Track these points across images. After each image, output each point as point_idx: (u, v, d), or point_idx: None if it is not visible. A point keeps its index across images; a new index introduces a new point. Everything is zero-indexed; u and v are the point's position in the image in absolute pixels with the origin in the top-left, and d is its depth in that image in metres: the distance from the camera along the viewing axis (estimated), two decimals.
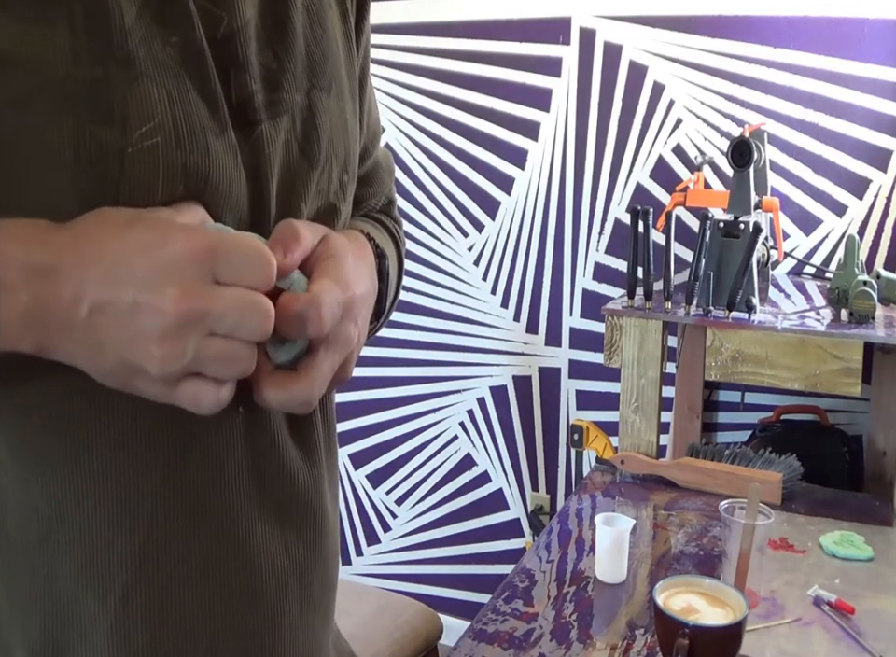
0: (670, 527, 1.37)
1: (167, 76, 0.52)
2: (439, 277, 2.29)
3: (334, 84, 0.65)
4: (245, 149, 0.57)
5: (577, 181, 2.10)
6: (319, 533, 0.69)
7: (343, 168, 0.66)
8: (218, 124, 0.54)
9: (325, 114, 0.63)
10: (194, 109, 0.53)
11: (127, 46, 0.50)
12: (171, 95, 0.51)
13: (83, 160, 0.49)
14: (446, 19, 2.15)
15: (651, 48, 1.96)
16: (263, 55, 0.59)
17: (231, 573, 0.62)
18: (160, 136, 0.51)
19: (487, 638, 1.07)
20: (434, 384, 2.35)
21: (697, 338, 1.60)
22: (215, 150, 0.54)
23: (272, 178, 0.59)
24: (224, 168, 0.54)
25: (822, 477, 1.56)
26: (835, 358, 1.42)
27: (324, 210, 0.64)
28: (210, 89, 0.54)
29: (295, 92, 0.61)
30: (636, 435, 1.60)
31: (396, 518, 2.49)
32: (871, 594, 1.16)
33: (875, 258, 1.85)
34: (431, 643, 1.75)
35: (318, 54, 0.63)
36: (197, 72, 0.53)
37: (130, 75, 0.50)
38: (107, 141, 0.49)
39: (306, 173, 0.62)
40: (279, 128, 0.59)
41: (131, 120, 0.50)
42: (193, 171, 0.52)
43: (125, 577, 0.57)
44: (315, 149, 0.62)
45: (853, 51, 1.79)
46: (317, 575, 0.69)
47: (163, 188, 0.51)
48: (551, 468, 2.27)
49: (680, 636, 0.88)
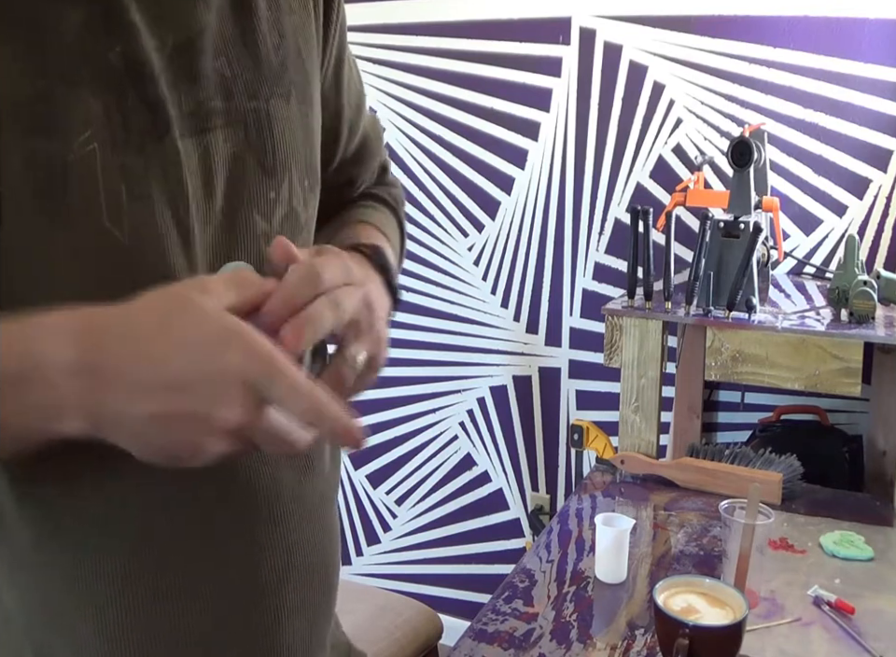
0: (670, 527, 1.37)
1: (108, 86, 0.54)
2: (439, 277, 2.29)
3: (294, 90, 0.66)
4: (194, 156, 0.58)
5: (577, 181, 2.10)
6: (322, 533, 0.70)
7: (303, 174, 0.66)
8: (159, 129, 0.56)
9: (283, 122, 0.64)
10: (133, 116, 0.55)
11: (66, 61, 0.52)
12: (108, 104, 0.53)
13: (34, 172, 0.51)
14: (446, 19, 2.14)
15: (651, 48, 1.96)
16: (218, 63, 0.60)
17: (233, 579, 0.62)
18: (96, 142, 0.53)
19: (487, 638, 1.07)
20: (434, 384, 2.35)
21: (697, 338, 1.60)
22: (154, 151, 0.55)
23: (217, 187, 0.59)
24: (164, 167, 0.56)
25: (822, 477, 1.56)
26: (835, 358, 1.42)
27: (286, 217, 0.64)
28: (153, 96, 0.56)
29: (249, 100, 0.62)
30: (636, 435, 1.60)
31: (396, 518, 2.49)
32: (871, 594, 1.16)
33: (875, 258, 1.85)
34: (431, 643, 1.75)
35: (277, 62, 0.64)
36: (140, 80, 0.55)
37: (69, 86, 0.52)
38: (52, 152, 0.51)
39: (260, 181, 0.62)
40: (230, 136, 0.60)
41: (71, 129, 0.52)
42: (131, 170, 0.54)
43: (113, 589, 0.57)
44: (271, 158, 0.63)
45: (853, 51, 1.79)
46: (317, 577, 0.69)
47: (105, 190, 0.53)
48: (551, 468, 2.27)
49: (680, 635, 0.88)
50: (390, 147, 2.26)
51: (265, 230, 0.62)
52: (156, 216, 0.55)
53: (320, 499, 0.69)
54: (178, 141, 0.57)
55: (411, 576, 2.50)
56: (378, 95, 2.25)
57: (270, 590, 0.64)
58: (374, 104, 2.25)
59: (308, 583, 0.68)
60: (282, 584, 0.65)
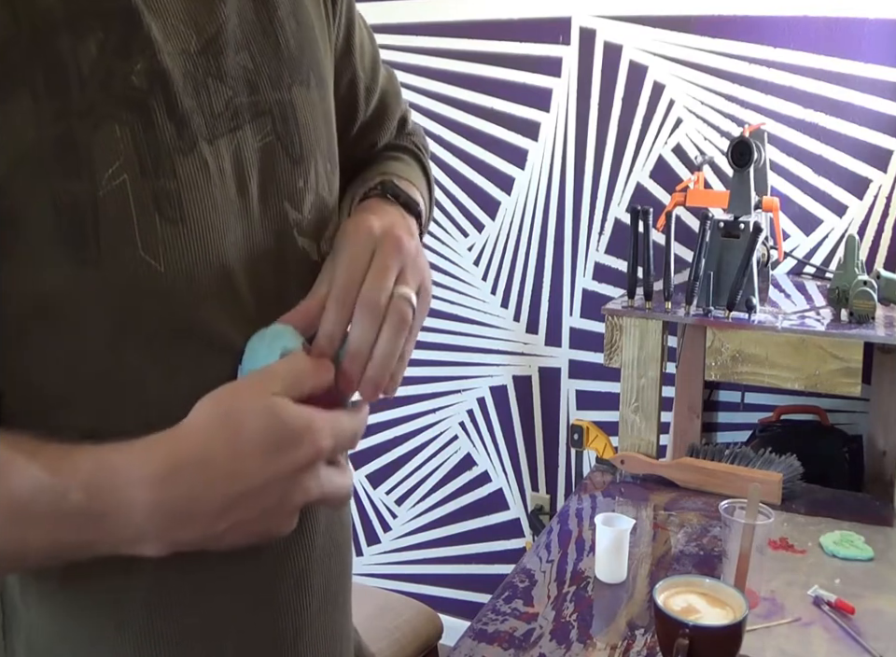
0: (670, 527, 1.37)
1: (131, 109, 0.52)
2: (439, 277, 2.29)
3: (313, 74, 0.65)
4: (227, 156, 0.57)
5: (577, 181, 2.10)
6: (340, 529, 0.71)
7: (326, 159, 0.66)
8: (187, 142, 0.55)
9: (305, 109, 0.64)
10: (159, 134, 0.53)
11: (86, 94, 0.51)
12: (134, 128, 0.52)
13: (63, 215, 0.50)
14: (446, 19, 2.14)
15: (651, 48, 1.96)
16: (240, 57, 0.59)
17: (254, 579, 0.62)
18: (126, 173, 0.52)
19: (487, 638, 1.07)
20: (434, 383, 2.35)
21: (697, 338, 1.60)
22: (183, 171, 0.54)
23: (251, 181, 0.59)
24: (195, 186, 0.55)
25: (822, 477, 1.56)
26: (835, 358, 1.42)
27: (314, 205, 0.64)
28: (180, 107, 0.55)
29: (273, 91, 0.61)
30: (636, 435, 1.60)
31: (396, 518, 2.49)
32: (871, 594, 1.16)
33: (875, 258, 1.85)
34: (431, 643, 1.75)
35: (295, 47, 0.64)
36: (166, 94, 0.54)
37: (92, 121, 0.51)
38: (79, 192, 0.50)
39: (290, 172, 0.62)
40: (259, 129, 0.60)
41: (97, 165, 0.51)
42: (164, 196, 0.53)
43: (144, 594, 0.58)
44: (298, 147, 0.62)
45: (853, 51, 1.79)
46: (336, 567, 0.70)
47: (139, 220, 0.52)
48: (551, 468, 2.27)
49: (680, 635, 0.88)
50: None
51: (297, 219, 0.62)
52: (192, 239, 0.55)
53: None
54: (207, 150, 0.56)
55: (411, 576, 2.50)
56: None
57: (289, 588, 0.65)
58: None
59: (326, 576, 0.69)
60: (304, 580, 0.66)
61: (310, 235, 0.63)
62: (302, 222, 0.63)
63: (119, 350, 0.53)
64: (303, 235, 0.63)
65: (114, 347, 0.53)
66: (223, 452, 0.50)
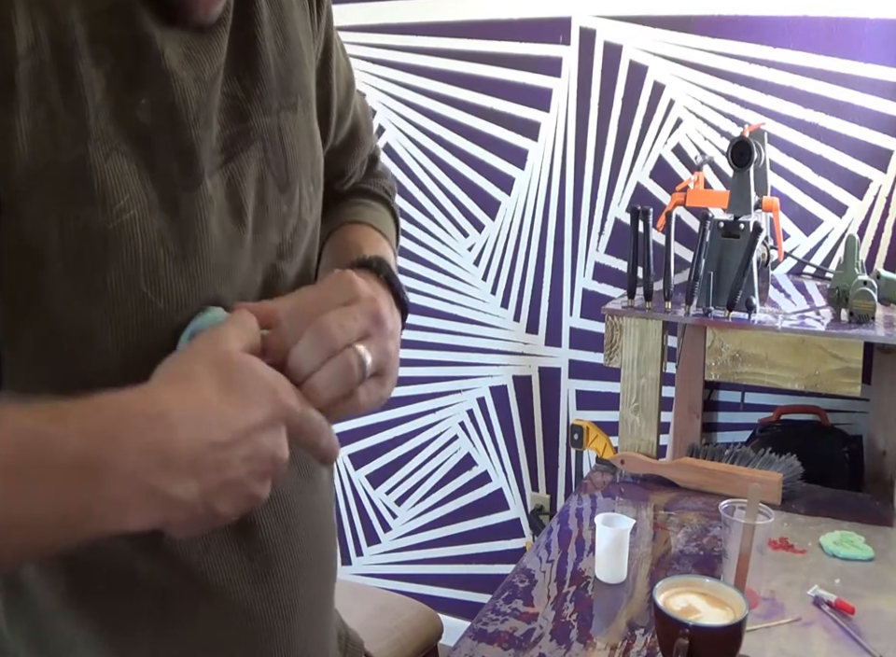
0: (670, 527, 1.37)
1: (137, 145, 0.52)
2: (439, 277, 2.29)
3: (300, 96, 0.65)
4: (221, 188, 0.57)
5: (577, 181, 2.10)
6: (321, 528, 0.71)
7: (309, 180, 0.66)
8: (191, 178, 0.55)
9: (293, 133, 0.64)
10: (165, 172, 0.53)
11: (100, 122, 0.50)
12: (139, 166, 0.52)
13: (69, 243, 0.50)
14: (446, 19, 2.14)
15: (651, 48, 1.96)
16: (229, 86, 0.59)
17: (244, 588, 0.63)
18: (135, 208, 0.52)
19: (487, 638, 1.07)
20: (434, 384, 2.35)
21: (697, 338, 1.60)
22: (188, 208, 0.54)
23: (247, 212, 0.59)
24: (198, 222, 0.55)
25: (822, 477, 1.56)
26: (835, 358, 1.42)
27: (295, 229, 0.64)
28: (185, 141, 0.54)
29: (264, 116, 0.61)
30: (636, 435, 1.60)
31: (396, 518, 2.49)
32: (871, 594, 1.16)
33: (875, 258, 1.85)
34: (431, 643, 1.75)
35: (283, 68, 0.63)
36: (170, 129, 0.54)
37: (105, 150, 0.50)
38: (90, 220, 0.50)
39: (277, 199, 0.62)
40: (252, 158, 0.60)
41: (108, 196, 0.50)
42: (168, 234, 0.53)
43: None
44: (285, 172, 0.63)
45: (853, 51, 1.79)
46: (321, 568, 0.71)
47: (145, 256, 0.52)
48: (551, 468, 2.27)
49: (680, 635, 0.88)
50: (390, 147, 2.26)
51: (278, 243, 0.63)
52: (191, 275, 0.55)
53: (322, 505, 0.71)
54: (209, 184, 0.56)
55: (411, 576, 2.50)
56: (378, 95, 2.25)
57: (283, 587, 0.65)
58: (374, 105, 2.25)
59: (312, 576, 0.69)
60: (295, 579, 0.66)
61: (288, 258, 0.64)
62: (283, 246, 0.63)
63: (128, 369, 0.53)
64: (282, 258, 0.63)
65: (124, 367, 0.53)
66: (204, 400, 0.49)
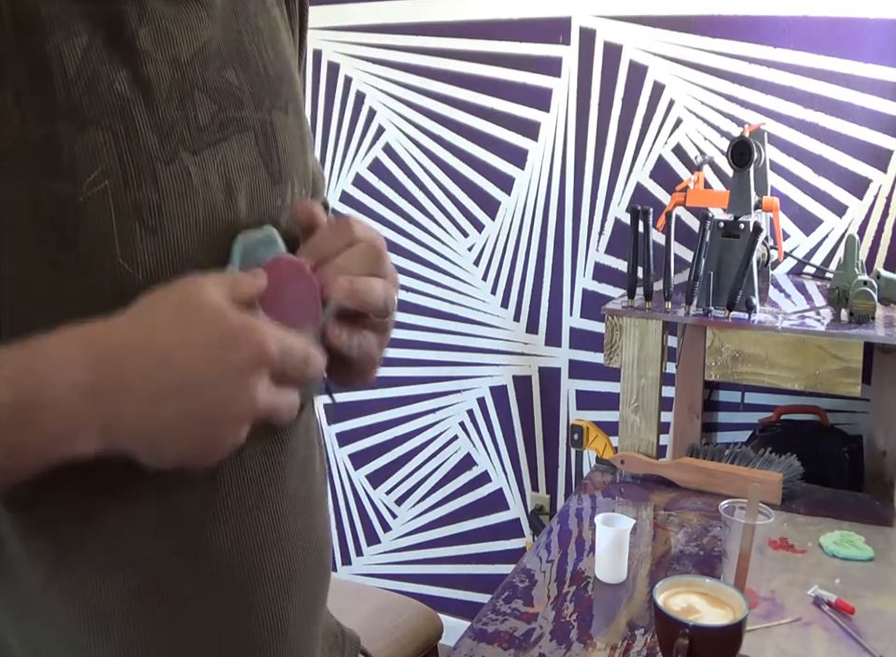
0: (670, 527, 1.37)
1: (114, 116, 0.53)
2: (439, 277, 2.29)
3: (290, 104, 0.66)
4: (211, 168, 0.58)
5: (577, 181, 2.10)
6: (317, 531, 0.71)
7: (302, 183, 0.67)
8: (168, 152, 0.55)
9: (285, 132, 0.65)
10: (142, 143, 0.54)
11: (71, 97, 0.51)
12: (117, 136, 0.53)
13: (42, 216, 0.50)
14: (446, 19, 2.14)
15: (651, 48, 1.96)
16: (227, 73, 0.60)
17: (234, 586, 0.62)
18: (108, 180, 0.52)
19: (487, 638, 1.07)
20: (434, 384, 2.35)
21: (697, 338, 1.60)
22: (164, 181, 0.55)
23: (238, 195, 0.59)
24: (177, 196, 0.55)
25: (822, 477, 1.56)
26: (835, 358, 1.42)
27: (289, 225, 0.65)
28: (163, 117, 0.55)
29: (256, 110, 0.62)
30: (636, 435, 1.60)
31: (396, 518, 2.49)
32: (871, 594, 1.16)
33: (875, 258, 1.85)
34: (431, 643, 1.75)
35: (274, 75, 0.65)
36: (146, 103, 0.54)
37: (76, 125, 0.51)
38: (60, 194, 0.50)
39: (271, 189, 0.63)
40: (244, 145, 0.61)
41: (79, 170, 0.51)
42: (145, 206, 0.53)
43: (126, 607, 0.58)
44: (278, 166, 0.63)
45: (853, 51, 1.79)
46: (315, 572, 0.70)
47: (119, 229, 0.52)
48: (551, 468, 2.27)
49: (680, 635, 0.88)
50: (390, 147, 2.26)
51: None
52: (172, 249, 0.55)
53: (317, 501, 0.71)
54: (191, 160, 0.56)
55: (411, 576, 2.50)
56: (378, 95, 2.25)
57: (273, 593, 0.65)
58: (374, 105, 2.25)
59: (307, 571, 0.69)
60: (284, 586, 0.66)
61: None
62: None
63: None
64: None
65: None
66: (167, 338, 0.49)
